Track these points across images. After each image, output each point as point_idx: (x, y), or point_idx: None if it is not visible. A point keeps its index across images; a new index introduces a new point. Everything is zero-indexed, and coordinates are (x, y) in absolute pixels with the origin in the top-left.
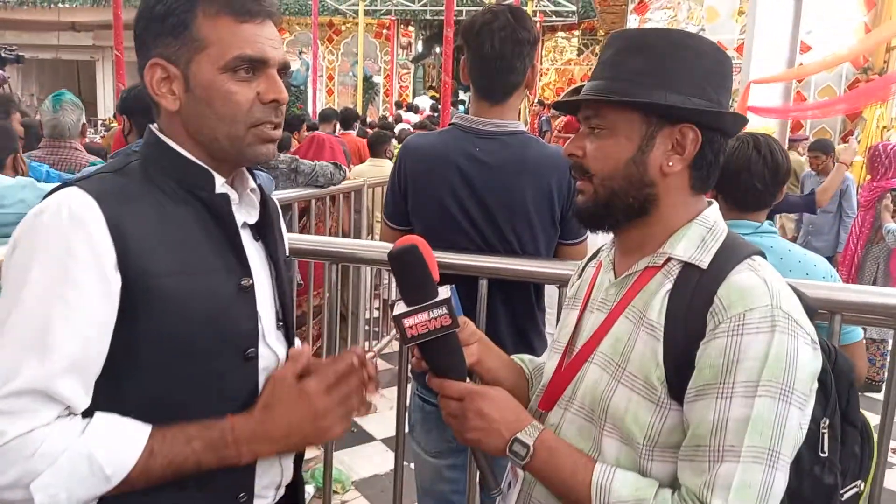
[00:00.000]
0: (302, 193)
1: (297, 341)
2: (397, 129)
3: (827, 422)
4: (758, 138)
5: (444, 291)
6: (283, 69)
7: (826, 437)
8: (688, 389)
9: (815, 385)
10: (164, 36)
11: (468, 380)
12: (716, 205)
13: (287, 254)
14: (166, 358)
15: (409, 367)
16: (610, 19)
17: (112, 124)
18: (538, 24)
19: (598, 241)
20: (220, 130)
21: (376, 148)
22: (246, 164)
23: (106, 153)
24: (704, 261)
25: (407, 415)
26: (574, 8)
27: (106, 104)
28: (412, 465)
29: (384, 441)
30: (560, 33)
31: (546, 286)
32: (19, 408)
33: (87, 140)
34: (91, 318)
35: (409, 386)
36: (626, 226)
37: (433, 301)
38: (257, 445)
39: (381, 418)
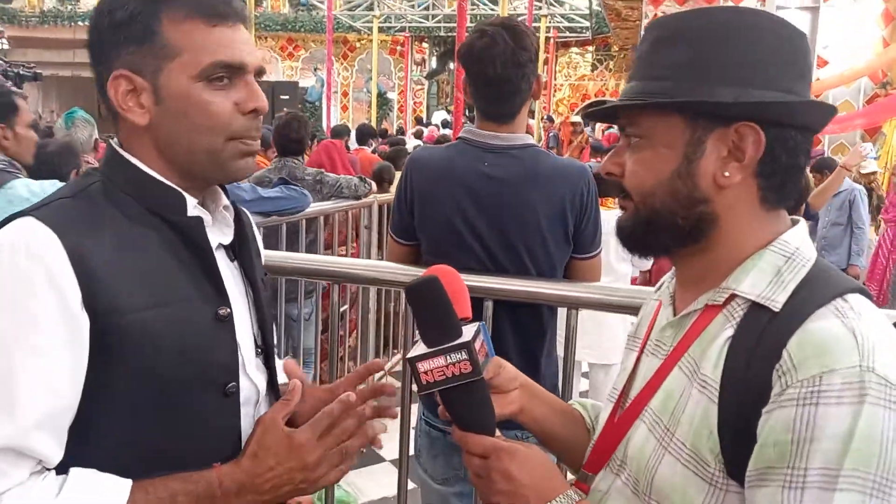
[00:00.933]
0: (313, 209)
1: (283, 370)
2: (411, 145)
3: None
4: None
5: (469, 332)
6: (260, 75)
7: None
8: (748, 469)
9: None
10: (126, 44)
11: (498, 433)
12: (803, 225)
13: (264, 273)
14: (140, 398)
15: (415, 387)
16: (624, 34)
17: None
18: (552, 41)
19: (611, 257)
20: (198, 144)
21: (396, 162)
22: (223, 181)
23: None
24: (777, 301)
25: (413, 438)
26: (587, 24)
27: None
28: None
29: (393, 462)
30: (574, 49)
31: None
32: None
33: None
34: (60, 365)
35: (416, 407)
36: (680, 251)
37: (452, 344)
38: (246, 498)
39: (391, 438)
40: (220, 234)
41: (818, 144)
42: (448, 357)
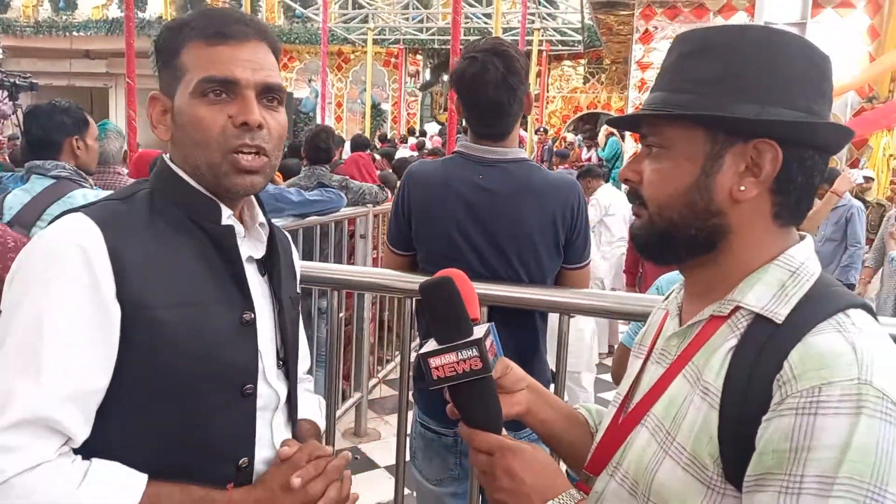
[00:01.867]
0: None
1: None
2: (405, 153)
3: None
4: None
5: (480, 331)
6: (269, 91)
7: None
8: (747, 475)
9: None
10: (161, 68)
11: (505, 432)
12: (810, 241)
13: (297, 291)
14: (161, 389)
15: (411, 393)
16: (615, 48)
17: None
18: (544, 54)
19: (600, 270)
20: (199, 158)
21: (401, 172)
22: (226, 194)
23: None
24: (780, 313)
25: (408, 442)
26: (580, 37)
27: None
28: (415, 494)
29: (387, 469)
30: (566, 62)
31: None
32: (19, 443)
33: None
34: (90, 345)
35: (411, 413)
36: (691, 263)
37: (463, 341)
38: None
39: (385, 445)
40: (252, 248)
41: None
42: (459, 354)
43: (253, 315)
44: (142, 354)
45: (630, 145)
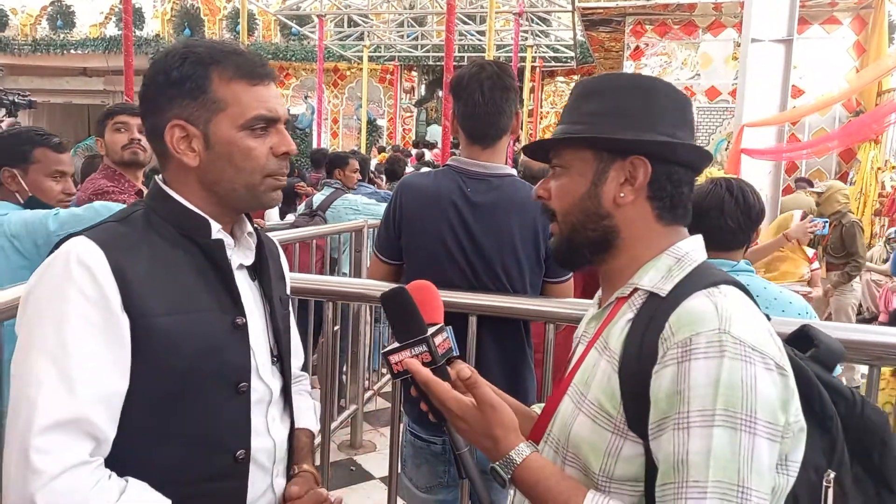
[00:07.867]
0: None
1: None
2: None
3: (832, 475)
4: (730, 182)
5: (432, 330)
6: (286, 123)
7: (831, 492)
8: (650, 425)
9: (799, 421)
10: (180, 99)
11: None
12: (698, 238)
13: (287, 292)
14: (162, 389)
15: (401, 405)
16: (607, 64)
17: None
18: (537, 70)
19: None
20: (239, 181)
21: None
22: (258, 209)
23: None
24: (665, 288)
25: (400, 451)
26: (572, 54)
27: None
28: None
29: (382, 479)
30: (559, 78)
31: None
32: (53, 444)
33: None
34: (108, 351)
35: (402, 424)
36: (596, 260)
37: (416, 339)
38: None
39: (380, 457)
40: (242, 256)
41: (795, 171)
42: (412, 350)
43: (244, 319)
44: (145, 358)
45: None
